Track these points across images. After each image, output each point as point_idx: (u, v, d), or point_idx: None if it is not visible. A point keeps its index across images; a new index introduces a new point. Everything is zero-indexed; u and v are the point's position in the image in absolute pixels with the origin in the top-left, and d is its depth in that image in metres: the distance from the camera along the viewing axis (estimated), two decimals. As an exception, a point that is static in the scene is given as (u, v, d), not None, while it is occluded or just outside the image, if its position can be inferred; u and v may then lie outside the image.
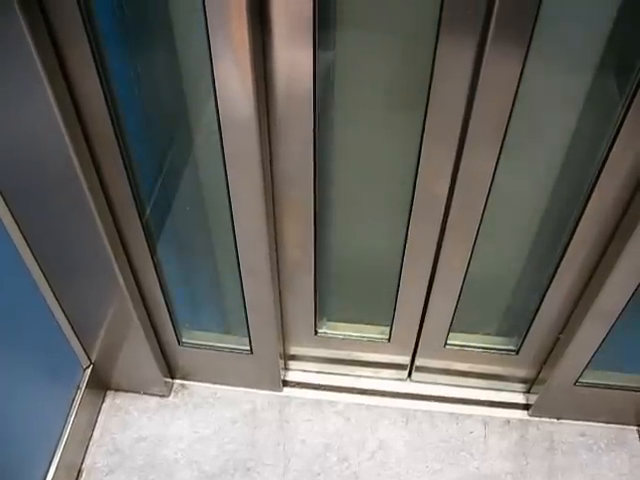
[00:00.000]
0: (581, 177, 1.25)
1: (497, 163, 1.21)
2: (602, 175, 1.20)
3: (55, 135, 1.09)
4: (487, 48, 1.02)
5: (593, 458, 1.73)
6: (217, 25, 0.98)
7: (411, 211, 1.33)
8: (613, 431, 1.78)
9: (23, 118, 1.08)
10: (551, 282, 1.46)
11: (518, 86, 1.08)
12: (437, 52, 1.05)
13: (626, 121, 1.11)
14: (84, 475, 1.65)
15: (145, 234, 1.38)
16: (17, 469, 1.44)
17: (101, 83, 1.08)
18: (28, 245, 1.33)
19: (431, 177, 1.26)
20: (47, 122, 1.07)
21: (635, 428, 1.78)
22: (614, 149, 1.16)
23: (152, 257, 1.44)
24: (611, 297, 1.39)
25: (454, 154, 1.21)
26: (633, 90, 1.07)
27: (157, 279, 1.50)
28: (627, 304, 1.40)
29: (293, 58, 1.08)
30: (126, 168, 1.22)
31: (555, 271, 1.43)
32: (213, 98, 1.08)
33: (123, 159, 1.21)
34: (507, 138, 1.16)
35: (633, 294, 1.37)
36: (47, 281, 1.43)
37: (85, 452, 1.69)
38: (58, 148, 1.12)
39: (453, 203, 1.30)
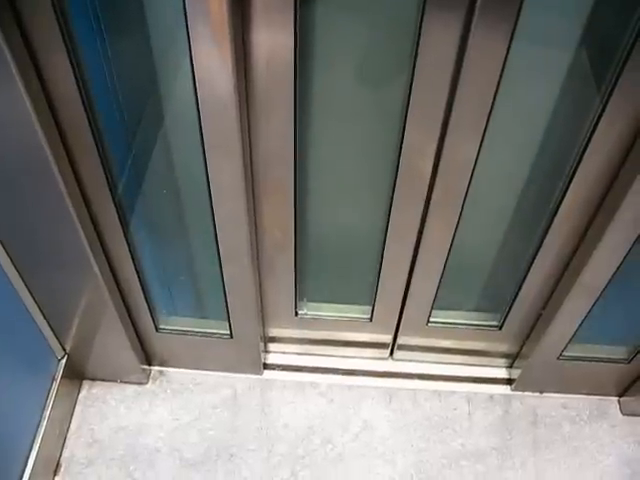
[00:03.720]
0: (565, 154, 1.23)
1: (482, 141, 1.19)
2: (586, 152, 1.19)
3: (24, 120, 1.04)
4: (473, 24, 1.00)
5: (576, 430, 1.74)
6: (195, 2, 0.92)
7: (394, 190, 1.30)
8: (594, 402, 1.79)
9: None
10: (534, 258, 1.45)
11: (504, 63, 1.05)
12: (422, 28, 1.02)
13: (611, 101, 1.10)
14: (63, 468, 1.61)
15: (119, 218, 1.33)
16: (-7, 466, 1.40)
17: (71, 64, 1.03)
18: (-5, 233, 1.28)
19: (415, 156, 1.23)
20: (15, 107, 1.01)
21: (615, 399, 1.80)
22: (599, 127, 1.15)
23: (127, 242, 1.39)
24: (596, 272, 1.38)
25: (438, 132, 1.18)
26: (619, 68, 1.05)
27: (132, 264, 1.45)
28: (611, 278, 1.39)
29: (273, 33, 1.03)
30: (98, 151, 1.18)
31: (538, 247, 1.42)
32: (191, 77, 1.04)
33: (95, 141, 1.16)
34: (492, 115, 1.14)
35: (617, 268, 1.37)
36: (17, 270, 1.38)
37: (63, 444, 1.65)
38: (27, 133, 1.06)
39: (437, 181, 1.27)
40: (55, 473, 1.60)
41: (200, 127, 1.11)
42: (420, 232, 1.40)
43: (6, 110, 1.03)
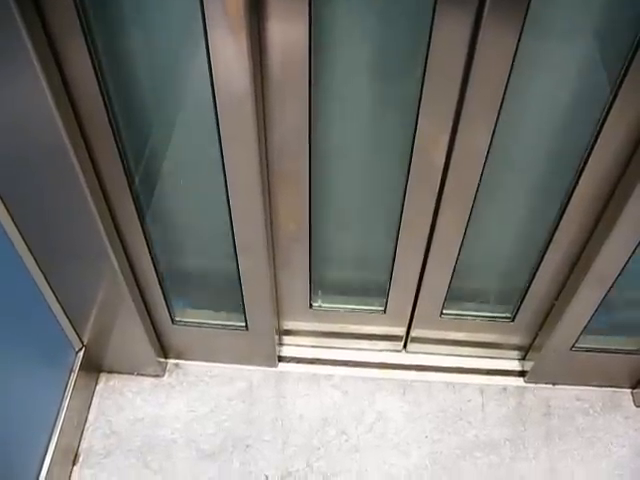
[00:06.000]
0: (577, 143, 1.24)
1: (494, 133, 1.20)
2: (598, 141, 1.21)
3: (45, 113, 1.06)
4: (484, 17, 1.01)
5: (589, 421, 1.74)
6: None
7: (407, 181, 1.32)
8: (607, 394, 1.79)
9: (12, 97, 1.04)
10: (546, 250, 1.46)
11: (515, 55, 1.07)
12: (435, 21, 1.03)
13: (624, 84, 1.11)
14: (81, 459, 1.63)
15: (137, 211, 1.35)
16: (14, 456, 1.42)
17: (91, 58, 1.05)
18: (16, 225, 1.30)
19: (427, 148, 1.25)
20: (37, 101, 1.04)
21: (629, 390, 1.80)
22: (610, 115, 1.16)
23: (144, 234, 1.41)
24: (608, 261, 1.39)
25: (451, 124, 1.20)
26: (629, 59, 1.06)
27: (150, 257, 1.47)
28: (623, 269, 1.40)
29: (289, 24, 1.05)
30: (117, 143, 1.20)
31: (551, 238, 1.43)
32: (207, 68, 1.05)
33: (113, 132, 1.17)
34: (503, 107, 1.15)
35: (629, 259, 1.37)
36: (37, 262, 1.40)
37: (81, 435, 1.67)
38: (48, 126, 1.08)
39: (449, 173, 1.28)
40: (74, 463, 1.62)
41: (216, 118, 1.13)
42: (433, 224, 1.42)
43: (27, 102, 1.05)
